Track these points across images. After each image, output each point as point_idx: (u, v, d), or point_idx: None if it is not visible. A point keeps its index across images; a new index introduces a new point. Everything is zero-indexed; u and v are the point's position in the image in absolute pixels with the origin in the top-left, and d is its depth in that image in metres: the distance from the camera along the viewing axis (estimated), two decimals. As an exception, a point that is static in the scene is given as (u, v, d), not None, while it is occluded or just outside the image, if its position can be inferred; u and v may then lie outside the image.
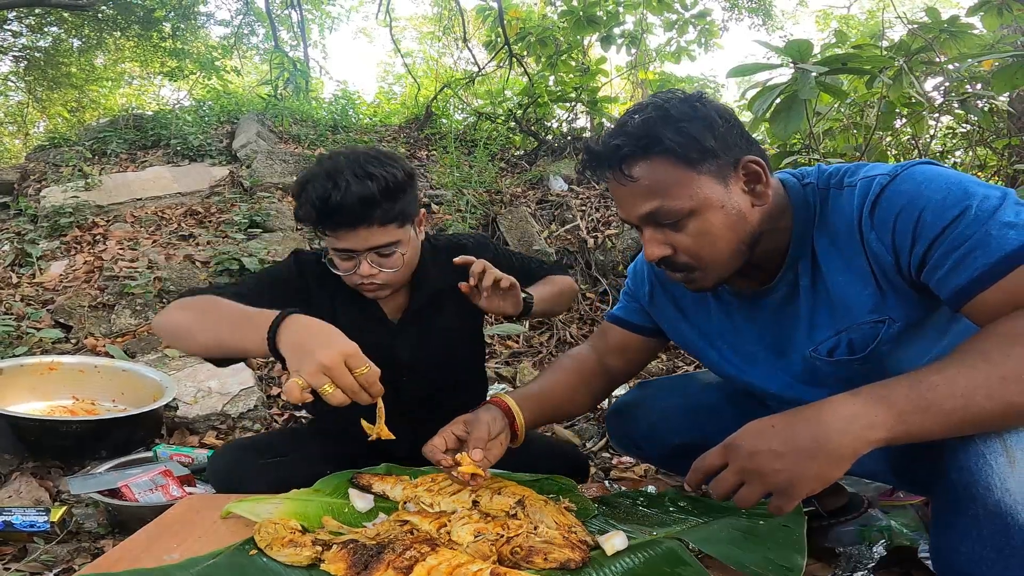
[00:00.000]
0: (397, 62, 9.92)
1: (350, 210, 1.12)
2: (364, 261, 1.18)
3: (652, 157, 0.88)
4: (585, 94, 5.20)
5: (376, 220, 1.15)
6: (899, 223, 0.82)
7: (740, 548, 0.85)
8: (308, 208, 1.15)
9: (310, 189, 1.15)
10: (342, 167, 1.15)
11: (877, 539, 1.11)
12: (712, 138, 0.87)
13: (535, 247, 3.68)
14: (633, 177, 0.89)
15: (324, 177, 1.14)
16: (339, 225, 1.15)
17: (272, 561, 0.86)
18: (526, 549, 0.86)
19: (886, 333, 0.89)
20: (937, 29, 2.27)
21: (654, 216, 0.90)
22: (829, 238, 0.91)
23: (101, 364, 2.29)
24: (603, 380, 1.25)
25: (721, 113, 0.90)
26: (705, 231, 0.89)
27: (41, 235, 3.87)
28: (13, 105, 9.56)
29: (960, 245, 0.77)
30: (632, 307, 1.24)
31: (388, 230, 1.17)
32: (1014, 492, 0.67)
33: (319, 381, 0.85)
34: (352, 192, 1.11)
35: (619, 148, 0.89)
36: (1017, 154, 2.94)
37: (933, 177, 0.82)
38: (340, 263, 1.21)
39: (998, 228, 0.75)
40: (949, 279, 0.78)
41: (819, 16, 9.10)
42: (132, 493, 1.49)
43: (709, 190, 0.87)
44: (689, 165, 0.87)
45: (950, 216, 0.78)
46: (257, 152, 5.00)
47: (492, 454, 1.02)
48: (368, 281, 1.21)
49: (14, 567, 1.32)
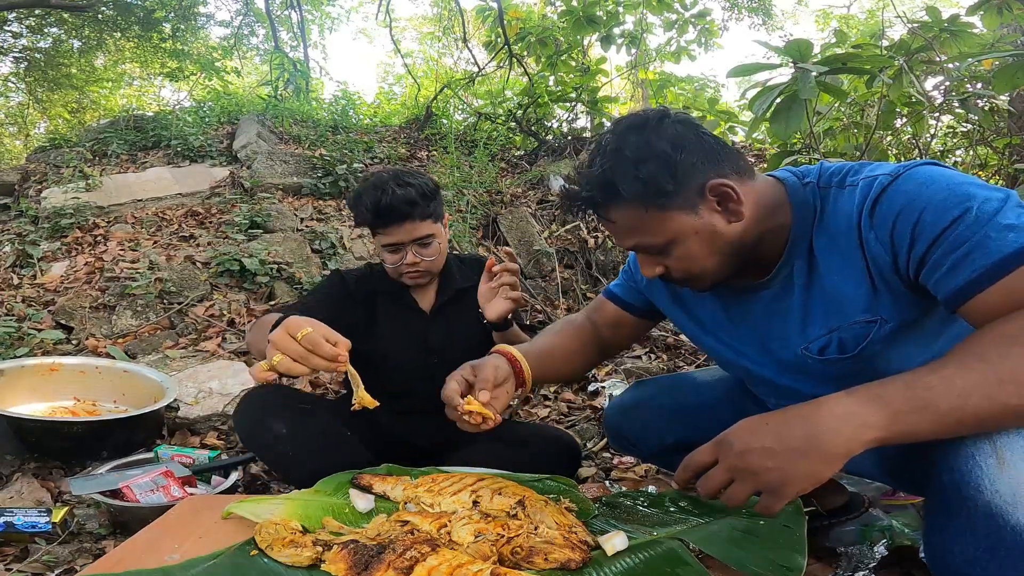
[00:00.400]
0: (397, 62, 9.95)
1: (397, 209, 1.43)
2: (409, 251, 1.49)
3: (618, 203, 0.92)
4: (585, 94, 5.20)
5: (417, 216, 1.46)
6: (899, 223, 0.83)
7: (741, 548, 0.85)
8: (364, 212, 1.47)
9: (364, 199, 1.47)
10: (386, 180, 1.47)
11: (878, 539, 1.10)
12: (670, 178, 0.88)
13: (535, 247, 3.68)
14: (610, 219, 0.96)
15: (373, 188, 1.46)
16: (389, 222, 1.45)
17: (273, 562, 0.86)
18: (526, 549, 0.86)
19: (877, 333, 0.89)
20: (937, 28, 2.27)
21: (637, 249, 0.98)
22: (828, 237, 0.92)
23: (102, 365, 2.30)
24: (596, 348, 1.29)
25: (676, 143, 0.90)
26: (686, 255, 0.94)
27: (42, 236, 3.88)
28: (14, 106, 9.56)
29: (959, 246, 0.77)
30: (629, 286, 1.27)
31: (426, 224, 1.48)
32: (1004, 493, 0.67)
33: (270, 355, 0.95)
34: (398, 195, 1.43)
35: (589, 198, 0.95)
36: (1018, 153, 2.94)
37: (935, 178, 0.82)
38: (389, 256, 1.51)
39: (998, 230, 0.75)
40: (947, 280, 0.78)
41: (819, 16, 9.11)
42: (133, 494, 1.49)
43: (679, 223, 0.91)
44: (655, 207, 0.90)
45: (950, 217, 0.78)
46: (257, 153, 5.01)
47: (499, 401, 1.05)
48: (412, 269, 1.51)
49: (16, 568, 1.32)
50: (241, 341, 2.91)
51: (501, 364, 1.09)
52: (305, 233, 4.00)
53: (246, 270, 3.36)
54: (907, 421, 0.70)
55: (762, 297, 1.01)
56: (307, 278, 3.43)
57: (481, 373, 1.05)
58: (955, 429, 0.70)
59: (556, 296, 3.43)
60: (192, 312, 3.09)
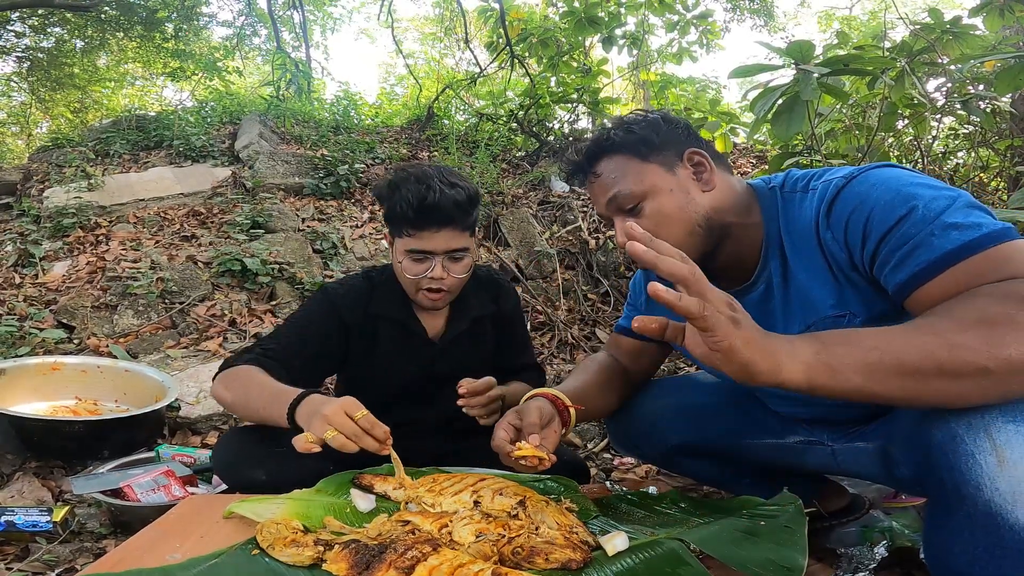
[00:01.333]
0: (399, 63, 9.95)
1: (442, 210, 1.25)
2: (439, 264, 1.29)
3: (610, 154, 1.05)
4: (587, 95, 5.21)
5: (459, 224, 1.28)
6: (851, 222, 0.88)
7: (741, 548, 0.85)
8: (403, 206, 1.25)
9: (403, 191, 1.26)
10: (430, 175, 1.28)
11: (878, 540, 1.11)
12: (656, 135, 1.04)
13: (536, 248, 3.68)
14: (597, 173, 1.06)
15: (416, 182, 1.26)
16: (429, 224, 1.26)
17: (274, 561, 0.86)
18: (527, 549, 0.86)
19: (848, 326, 0.91)
20: (939, 30, 2.27)
21: (615, 201, 1.03)
22: (793, 238, 0.98)
23: (104, 364, 2.30)
24: (624, 380, 1.31)
25: (667, 118, 1.07)
26: (658, 211, 1.00)
27: (44, 236, 3.88)
28: (16, 106, 9.57)
29: (905, 243, 0.81)
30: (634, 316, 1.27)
31: (464, 236, 1.31)
32: (1004, 491, 0.67)
33: (322, 430, 0.98)
34: (447, 196, 1.25)
35: (586, 151, 1.08)
36: (1020, 155, 2.93)
37: (886, 179, 0.86)
38: (412, 265, 1.30)
39: (941, 228, 0.78)
40: (893, 275, 0.83)
41: (821, 17, 9.10)
42: (134, 493, 1.49)
43: (658, 177, 1.02)
44: (639, 157, 1.03)
45: (896, 216, 0.82)
46: (259, 153, 5.01)
47: (549, 441, 1.06)
48: (435, 285, 1.31)
49: (16, 567, 1.32)
50: (243, 341, 2.91)
51: (544, 406, 1.10)
52: (307, 233, 4.01)
53: (248, 270, 3.36)
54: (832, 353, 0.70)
55: (748, 301, 1.03)
56: (308, 278, 3.43)
57: (527, 418, 1.05)
58: (882, 377, 0.69)
59: (557, 297, 3.43)
60: (193, 312, 3.09)
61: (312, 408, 1.04)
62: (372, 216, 4.43)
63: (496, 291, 1.51)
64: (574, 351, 3.10)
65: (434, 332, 1.44)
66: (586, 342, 3.15)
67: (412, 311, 1.42)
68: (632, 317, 1.29)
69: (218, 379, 1.25)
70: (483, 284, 1.49)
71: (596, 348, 3.08)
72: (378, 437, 1.00)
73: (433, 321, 1.44)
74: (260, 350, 1.29)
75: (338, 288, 1.41)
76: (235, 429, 1.39)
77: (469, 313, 1.45)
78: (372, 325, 1.40)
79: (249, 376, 1.21)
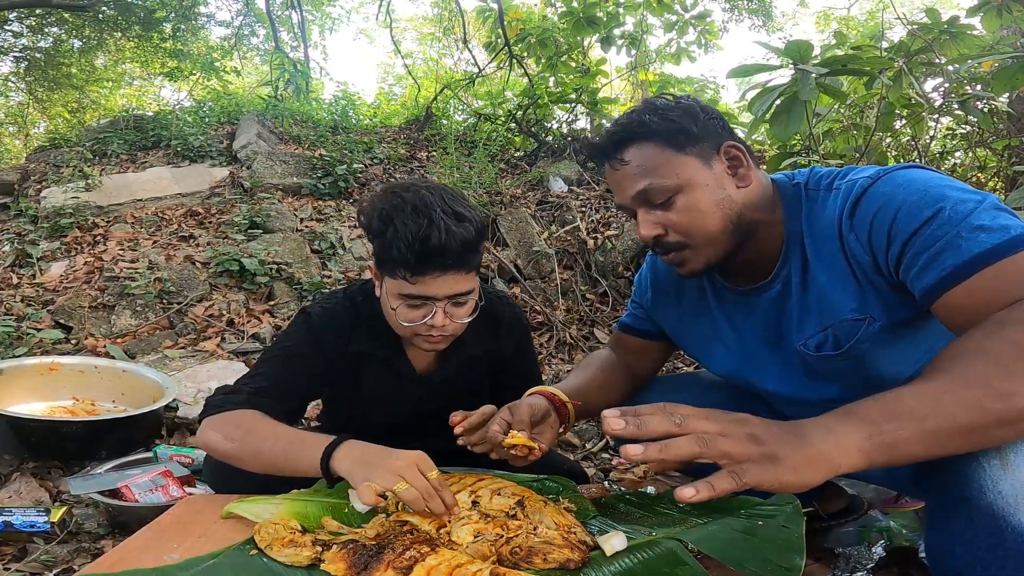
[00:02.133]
0: (397, 63, 9.94)
1: (452, 253, 1.03)
2: (440, 310, 1.09)
3: (641, 141, 0.97)
4: (585, 95, 5.21)
5: (466, 266, 1.08)
6: (875, 224, 0.85)
7: (739, 548, 0.85)
8: (401, 248, 1.02)
9: (400, 226, 1.03)
10: (431, 204, 1.04)
11: (876, 540, 1.11)
12: (694, 125, 0.96)
13: (535, 248, 3.68)
14: (625, 160, 0.98)
15: (414, 213, 1.03)
16: (431, 269, 1.05)
17: (272, 561, 0.86)
18: (525, 549, 0.86)
19: (867, 331, 0.91)
20: (937, 30, 2.28)
21: (645, 194, 0.96)
22: (815, 237, 0.95)
23: (101, 365, 2.30)
24: (626, 378, 1.30)
25: (703, 107, 0.99)
26: (692, 207, 0.95)
27: (41, 236, 3.88)
28: (14, 106, 9.55)
29: (931, 246, 0.79)
30: (639, 314, 1.29)
31: (470, 278, 1.11)
32: (1007, 494, 0.67)
33: (392, 482, 0.89)
34: (454, 235, 1.02)
35: (613, 135, 0.99)
36: (1017, 155, 2.94)
37: (912, 180, 0.85)
38: (407, 312, 1.10)
39: (969, 231, 0.77)
40: (920, 278, 0.81)
41: (819, 17, 9.11)
42: (132, 493, 1.49)
43: (693, 170, 0.95)
44: (674, 147, 0.95)
45: (923, 217, 0.80)
46: (257, 153, 5.01)
47: (545, 436, 1.06)
48: (436, 333, 1.12)
49: (14, 567, 1.32)
50: (241, 341, 2.91)
51: (537, 402, 1.10)
52: (304, 233, 4.00)
53: (245, 270, 3.36)
54: (885, 432, 0.65)
55: (765, 299, 1.02)
56: (306, 278, 3.43)
57: (517, 413, 1.05)
58: (944, 441, 0.66)
59: (555, 297, 3.44)
60: (191, 312, 3.09)
61: (364, 457, 0.95)
62: (370, 216, 4.43)
63: (496, 324, 1.32)
64: (572, 351, 3.10)
65: (423, 368, 1.30)
66: (584, 342, 3.15)
67: (399, 348, 1.27)
68: (636, 315, 1.29)
69: (209, 426, 1.09)
70: (483, 316, 1.23)
71: (594, 348, 3.08)
72: (447, 501, 0.92)
73: (423, 358, 1.28)
74: (250, 389, 1.14)
75: (321, 314, 1.24)
76: None
77: (464, 350, 1.28)
78: (355, 361, 1.26)
79: (254, 423, 1.07)
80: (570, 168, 4.67)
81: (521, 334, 1.40)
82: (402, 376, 1.28)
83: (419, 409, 1.31)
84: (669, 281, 1.21)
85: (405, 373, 1.28)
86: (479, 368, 1.35)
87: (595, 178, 4.48)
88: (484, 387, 1.38)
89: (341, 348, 1.23)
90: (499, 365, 1.38)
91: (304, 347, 1.21)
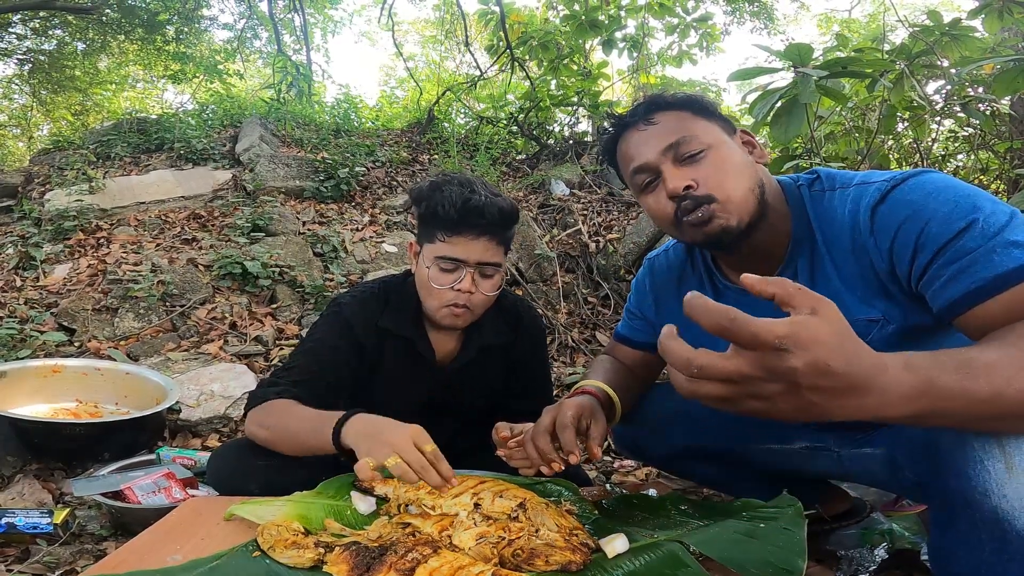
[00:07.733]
0: (399, 66, 9.96)
1: (486, 215, 1.20)
2: (468, 275, 1.23)
3: (668, 109, 1.02)
4: (587, 98, 5.22)
5: (498, 235, 1.24)
6: (901, 232, 0.83)
7: (741, 551, 0.85)
8: (446, 206, 1.19)
9: (447, 191, 1.21)
10: (474, 181, 1.24)
11: (878, 542, 1.11)
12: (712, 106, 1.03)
13: (536, 251, 3.68)
14: (654, 121, 1.01)
15: (458, 185, 1.22)
16: (468, 228, 1.20)
17: (275, 563, 0.86)
18: (527, 551, 0.86)
19: (878, 333, 0.90)
20: (938, 32, 2.28)
21: (676, 146, 0.97)
22: (825, 237, 0.95)
23: (104, 367, 2.30)
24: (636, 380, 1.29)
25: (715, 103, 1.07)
26: (723, 162, 0.97)
27: (45, 238, 3.88)
28: (17, 108, 9.58)
29: (962, 257, 0.77)
30: (635, 324, 1.29)
31: (500, 251, 1.26)
32: (1011, 498, 0.67)
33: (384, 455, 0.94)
34: (492, 202, 1.21)
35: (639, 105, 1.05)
36: (1019, 158, 2.94)
37: (942, 188, 0.82)
38: (440, 275, 1.24)
39: (1004, 245, 0.75)
40: (945, 289, 0.79)
41: (820, 20, 9.11)
42: (135, 495, 1.49)
43: (719, 134, 1.00)
44: (703, 115, 1.01)
45: (956, 228, 0.78)
46: (260, 156, 5.02)
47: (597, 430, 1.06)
48: (462, 300, 1.24)
49: (17, 569, 1.32)
50: (243, 344, 2.91)
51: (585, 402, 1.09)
52: (307, 236, 4.01)
53: (248, 273, 3.36)
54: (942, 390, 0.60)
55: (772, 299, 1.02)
56: (309, 281, 3.43)
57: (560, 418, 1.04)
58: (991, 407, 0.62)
59: (557, 300, 3.44)
60: (194, 315, 3.09)
61: (367, 429, 1.00)
62: (372, 219, 4.44)
63: (516, 321, 1.42)
64: (574, 354, 3.10)
65: (443, 355, 1.38)
66: (586, 345, 3.15)
67: (423, 330, 1.35)
68: (632, 325, 1.29)
69: (250, 418, 1.21)
70: (504, 311, 1.40)
71: (596, 351, 3.08)
72: (443, 473, 0.96)
73: (444, 343, 1.37)
74: (287, 381, 1.23)
75: (351, 303, 1.34)
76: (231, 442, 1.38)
77: (483, 339, 1.37)
78: (380, 341, 1.34)
79: (286, 409, 1.17)
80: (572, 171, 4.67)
81: (537, 336, 1.48)
82: (422, 361, 1.35)
83: (433, 398, 1.37)
84: (669, 279, 1.21)
85: (425, 357, 1.35)
86: (496, 362, 1.39)
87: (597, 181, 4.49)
88: (499, 383, 1.40)
89: (370, 328, 1.32)
90: (513, 364, 1.44)
91: (334, 339, 1.30)
